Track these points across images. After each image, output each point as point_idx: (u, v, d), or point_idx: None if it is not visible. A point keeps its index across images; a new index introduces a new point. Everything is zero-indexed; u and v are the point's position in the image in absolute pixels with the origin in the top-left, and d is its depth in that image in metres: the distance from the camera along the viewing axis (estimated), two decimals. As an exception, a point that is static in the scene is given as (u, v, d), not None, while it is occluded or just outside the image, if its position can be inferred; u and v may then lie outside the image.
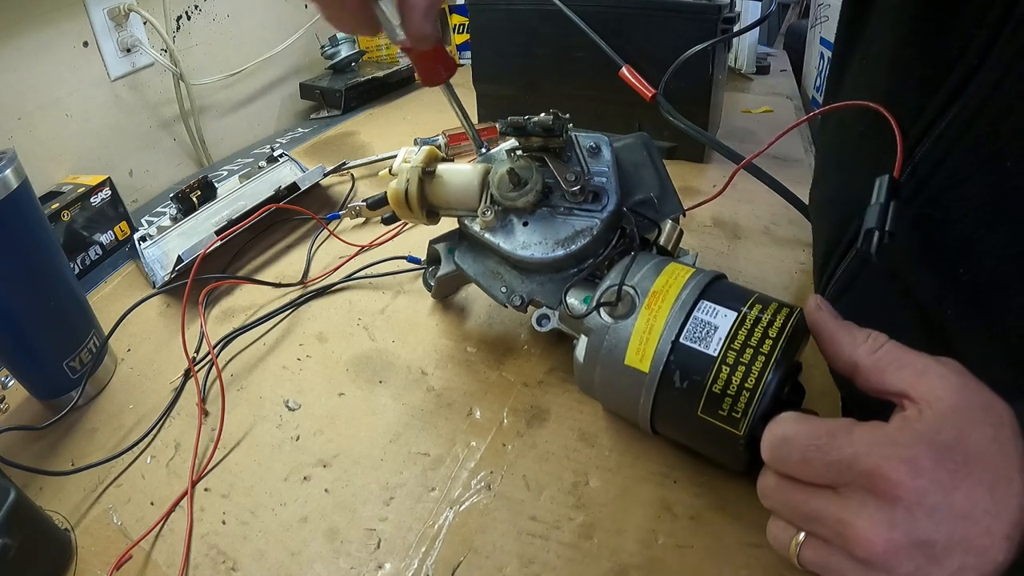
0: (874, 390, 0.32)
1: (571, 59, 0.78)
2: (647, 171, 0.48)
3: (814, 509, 0.29)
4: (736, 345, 0.34)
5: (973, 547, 0.26)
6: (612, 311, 0.38)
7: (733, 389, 0.33)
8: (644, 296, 0.38)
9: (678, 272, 0.38)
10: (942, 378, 0.29)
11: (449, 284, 0.55)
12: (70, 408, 0.49)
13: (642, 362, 0.36)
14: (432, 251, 0.53)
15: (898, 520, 0.26)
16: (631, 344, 0.37)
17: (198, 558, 0.39)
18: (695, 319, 0.35)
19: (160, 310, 0.61)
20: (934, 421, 0.28)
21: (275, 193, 0.67)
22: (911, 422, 0.28)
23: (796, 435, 0.30)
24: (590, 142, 0.46)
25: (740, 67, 1.10)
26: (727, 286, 0.38)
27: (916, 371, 0.30)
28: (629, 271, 0.40)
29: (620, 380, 0.38)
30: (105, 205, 0.69)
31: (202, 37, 0.91)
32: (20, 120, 0.69)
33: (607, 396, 0.41)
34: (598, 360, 0.39)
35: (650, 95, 0.69)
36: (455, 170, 0.48)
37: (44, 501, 0.43)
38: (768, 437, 0.31)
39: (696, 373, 0.35)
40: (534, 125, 0.43)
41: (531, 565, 0.37)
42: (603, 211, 0.44)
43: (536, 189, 0.44)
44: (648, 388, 0.36)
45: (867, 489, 0.27)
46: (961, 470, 0.26)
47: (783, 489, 0.31)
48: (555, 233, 0.44)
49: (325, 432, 0.47)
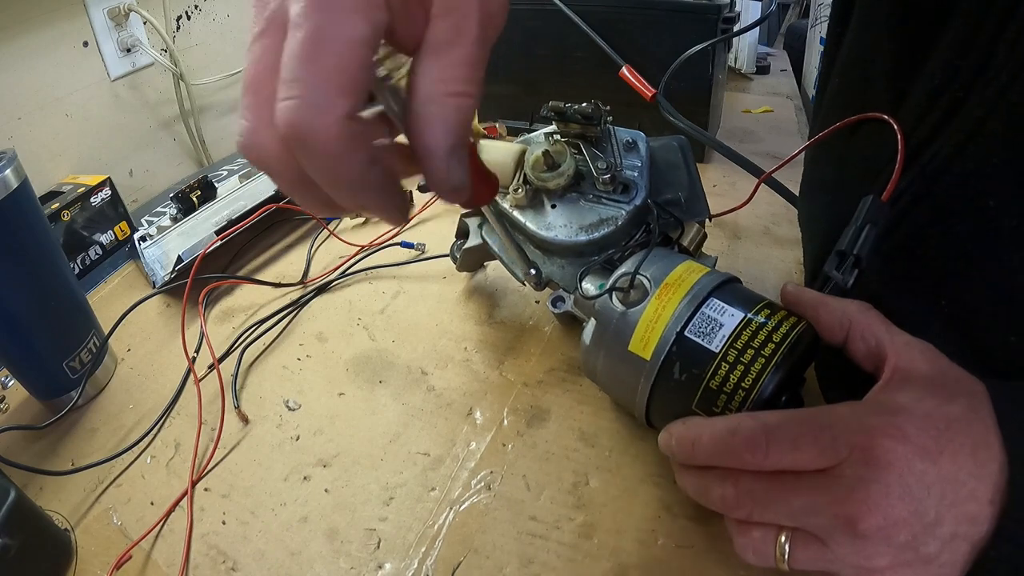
0: (863, 351, 0.33)
1: (571, 59, 0.78)
2: (679, 172, 0.49)
3: (805, 498, 0.28)
4: (739, 344, 0.34)
5: (963, 514, 0.26)
6: (624, 297, 0.39)
7: (730, 387, 0.33)
8: (656, 286, 0.38)
9: (693, 269, 0.39)
10: (922, 352, 0.30)
11: (474, 258, 0.56)
12: (70, 408, 0.49)
13: (645, 350, 0.36)
14: (462, 224, 0.55)
15: (892, 487, 0.26)
16: (637, 331, 0.37)
17: (198, 558, 0.39)
18: (702, 314, 0.36)
19: (160, 310, 0.61)
20: (914, 391, 0.29)
21: (275, 193, 0.67)
22: (892, 392, 0.29)
23: (779, 425, 0.29)
24: (627, 137, 0.47)
25: (740, 67, 1.10)
26: (739, 289, 0.39)
27: (903, 340, 0.31)
28: (646, 261, 0.40)
29: (622, 366, 0.38)
30: (105, 205, 0.68)
31: (202, 37, 0.91)
32: (20, 120, 0.69)
33: (608, 381, 0.41)
34: (603, 344, 0.39)
35: (650, 95, 0.69)
36: (494, 146, 0.49)
37: (44, 501, 0.43)
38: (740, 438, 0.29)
39: (695, 367, 0.35)
40: (574, 112, 0.45)
41: (531, 565, 0.37)
42: (630, 203, 0.45)
43: (568, 173, 0.45)
44: (647, 376, 0.36)
45: (859, 461, 0.27)
46: (944, 435, 0.27)
47: (762, 488, 0.29)
48: (581, 218, 0.45)
49: (325, 432, 0.47)
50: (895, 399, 0.29)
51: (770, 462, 0.29)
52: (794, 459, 0.28)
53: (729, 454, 0.30)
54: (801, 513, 0.28)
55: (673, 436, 0.33)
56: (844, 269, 0.35)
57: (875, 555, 0.27)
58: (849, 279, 0.35)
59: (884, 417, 0.28)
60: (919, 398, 0.28)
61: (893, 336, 0.32)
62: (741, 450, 0.29)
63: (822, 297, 0.36)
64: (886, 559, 0.27)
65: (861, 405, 0.29)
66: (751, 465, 0.29)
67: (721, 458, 0.30)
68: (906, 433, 0.27)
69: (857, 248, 0.35)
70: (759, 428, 0.29)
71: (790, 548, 0.29)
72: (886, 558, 0.27)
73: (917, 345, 0.31)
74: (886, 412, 0.28)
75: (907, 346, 0.31)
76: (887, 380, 0.30)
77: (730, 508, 0.30)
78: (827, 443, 0.27)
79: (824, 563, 0.28)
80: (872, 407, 0.29)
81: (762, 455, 0.28)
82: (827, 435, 0.28)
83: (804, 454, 0.28)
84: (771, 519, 0.29)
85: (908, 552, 0.26)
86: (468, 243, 0.54)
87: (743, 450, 0.29)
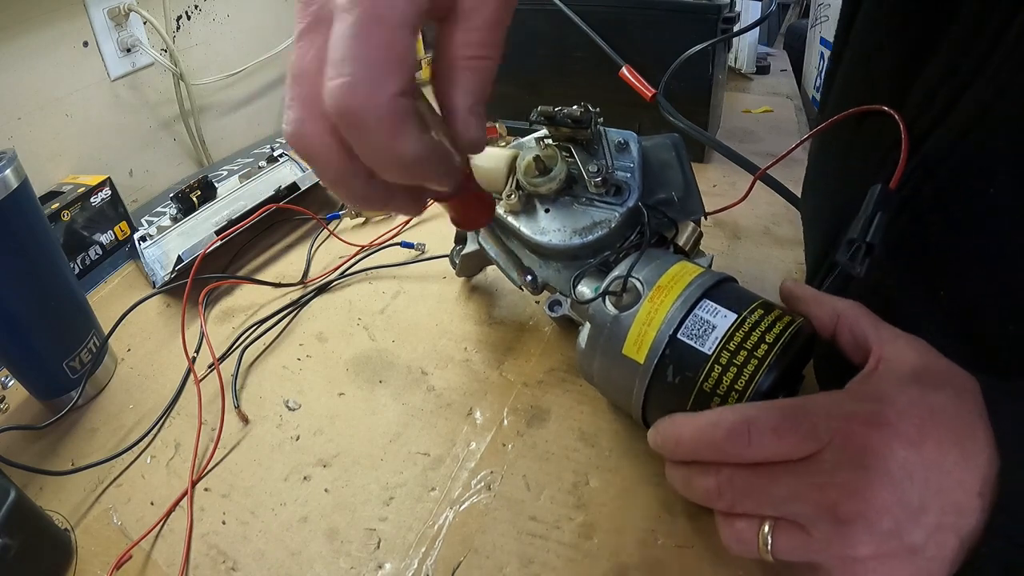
0: (850, 343, 0.33)
1: (571, 59, 0.78)
2: (673, 171, 0.49)
3: (786, 486, 0.28)
4: (731, 346, 0.34)
5: (949, 503, 0.26)
6: (616, 301, 0.39)
7: (723, 389, 0.33)
8: (649, 288, 0.38)
9: (687, 270, 0.39)
10: (909, 344, 0.31)
11: (473, 263, 0.56)
12: (70, 408, 0.49)
13: (639, 353, 0.36)
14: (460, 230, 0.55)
15: (872, 473, 0.26)
16: (630, 334, 0.37)
17: (198, 558, 0.39)
18: (695, 316, 0.36)
19: (160, 310, 0.61)
20: (898, 380, 0.29)
21: (275, 193, 0.67)
22: (875, 381, 0.29)
23: (758, 416, 0.28)
24: (619, 138, 0.47)
25: (740, 67, 1.10)
26: (733, 288, 0.38)
27: (891, 333, 0.32)
28: (639, 264, 0.40)
29: (617, 369, 0.38)
30: (105, 205, 0.68)
31: (202, 37, 0.91)
32: (20, 120, 0.69)
33: (604, 384, 0.41)
34: (598, 347, 0.39)
35: (650, 95, 0.69)
36: (486, 153, 0.49)
37: (44, 501, 0.43)
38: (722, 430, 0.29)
39: (689, 369, 0.35)
40: (563, 116, 0.45)
41: (531, 565, 0.37)
42: (623, 205, 0.45)
43: (560, 178, 0.45)
44: (642, 379, 0.37)
45: (839, 447, 0.27)
46: (927, 424, 0.27)
47: (744, 478, 0.29)
48: (574, 222, 0.45)
49: (325, 432, 0.47)
50: (877, 387, 0.29)
51: (751, 452, 0.28)
52: (776, 448, 0.28)
53: (711, 446, 0.30)
54: (782, 501, 0.28)
55: (659, 432, 0.33)
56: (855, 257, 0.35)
57: (858, 543, 0.26)
58: (861, 268, 0.35)
59: (865, 404, 0.28)
60: (902, 387, 0.28)
61: (880, 329, 0.32)
62: (722, 442, 0.29)
63: (815, 293, 0.36)
64: (869, 547, 0.26)
65: (842, 393, 0.29)
66: (733, 457, 0.29)
67: (703, 451, 0.30)
68: (888, 419, 0.27)
69: (870, 236, 0.34)
70: (740, 420, 0.29)
71: (772, 538, 0.28)
72: (869, 546, 0.26)
73: (904, 338, 0.31)
74: (867, 399, 0.28)
75: (894, 338, 0.31)
76: (871, 369, 0.30)
77: (712, 499, 0.30)
78: (807, 430, 0.27)
79: (807, 552, 0.28)
80: (853, 395, 0.29)
81: (743, 445, 0.28)
82: (807, 423, 0.27)
83: (785, 442, 0.28)
84: (753, 508, 0.29)
85: (892, 541, 0.26)
86: (466, 248, 0.54)
87: (724, 442, 0.29)
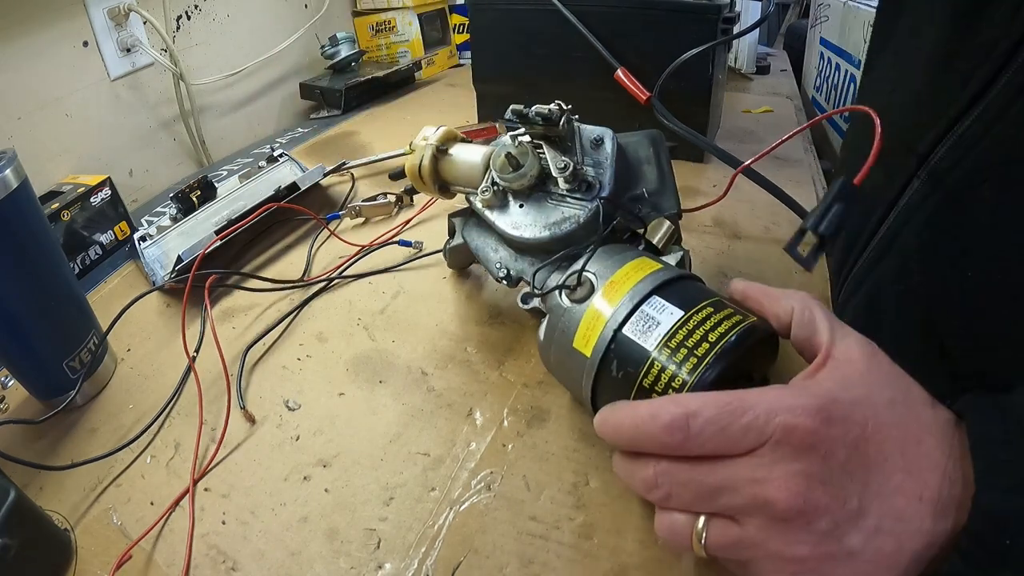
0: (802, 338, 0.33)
1: (571, 59, 0.78)
2: (649, 167, 0.49)
3: (723, 478, 0.27)
4: (672, 344, 0.34)
5: (889, 507, 0.25)
6: (571, 294, 0.40)
7: (661, 386, 0.33)
8: (603, 283, 0.38)
9: (643, 265, 0.39)
10: (859, 346, 0.30)
11: (460, 256, 0.58)
12: (66, 404, 0.48)
13: (586, 347, 0.37)
14: (450, 223, 0.57)
15: (813, 468, 0.26)
16: (580, 328, 0.38)
17: (198, 558, 0.39)
18: (642, 312, 0.36)
19: (160, 310, 0.61)
20: (843, 379, 0.28)
21: (275, 193, 0.67)
22: (821, 379, 0.29)
23: (702, 407, 0.28)
24: (595, 134, 0.47)
25: (740, 67, 1.10)
26: (686, 286, 0.38)
27: (843, 332, 0.31)
28: (597, 259, 0.41)
29: (569, 361, 0.39)
30: (105, 205, 0.69)
31: (202, 37, 0.91)
32: (20, 120, 0.69)
33: (560, 376, 0.43)
34: (553, 340, 0.40)
35: (644, 98, 0.68)
36: (464, 150, 0.52)
37: (44, 501, 0.43)
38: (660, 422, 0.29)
39: (631, 365, 0.35)
40: (535, 114, 0.46)
41: (531, 565, 0.37)
42: (592, 200, 0.45)
43: (531, 174, 0.46)
44: (588, 372, 0.37)
45: (780, 443, 0.26)
46: (870, 424, 0.27)
47: (681, 469, 0.29)
48: (546, 217, 0.46)
49: (325, 432, 0.47)
50: (822, 385, 0.28)
51: (689, 445, 0.28)
52: (715, 442, 0.28)
53: (649, 438, 0.29)
54: (719, 493, 0.28)
55: (601, 421, 0.33)
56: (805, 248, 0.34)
57: (795, 542, 0.26)
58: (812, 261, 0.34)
59: (808, 400, 0.27)
60: (847, 386, 0.28)
61: (833, 327, 0.31)
62: (660, 434, 0.29)
63: (766, 290, 0.36)
64: (807, 547, 0.26)
65: (786, 388, 0.29)
66: (671, 449, 0.29)
67: (642, 442, 0.30)
68: (830, 417, 0.26)
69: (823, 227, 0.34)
70: (680, 412, 0.28)
71: (707, 532, 0.28)
72: (807, 546, 0.26)
73: (854, 336, 0.31)
74: (811, 396, 0.27)
75: (845, 338, 0.31)
76: (817, 366, 0.30)
77: (649, 490, 0.30)
78: (748, 424, 0.27)
79: (742, 548, 0.27)
80: (798, 391, 0.28)
81: (682, 438, 0.28)
82: (748, 417, 0.27)
83: (725, 437, 0.27)
84: (688, 501, 0.29)
85: (831, 543, 0.25)
86: (452, 242, 0.56)
87: (662, 434, 0.29)
